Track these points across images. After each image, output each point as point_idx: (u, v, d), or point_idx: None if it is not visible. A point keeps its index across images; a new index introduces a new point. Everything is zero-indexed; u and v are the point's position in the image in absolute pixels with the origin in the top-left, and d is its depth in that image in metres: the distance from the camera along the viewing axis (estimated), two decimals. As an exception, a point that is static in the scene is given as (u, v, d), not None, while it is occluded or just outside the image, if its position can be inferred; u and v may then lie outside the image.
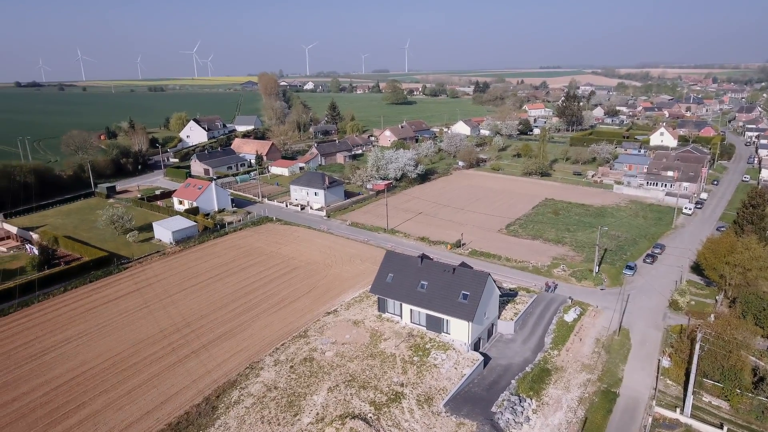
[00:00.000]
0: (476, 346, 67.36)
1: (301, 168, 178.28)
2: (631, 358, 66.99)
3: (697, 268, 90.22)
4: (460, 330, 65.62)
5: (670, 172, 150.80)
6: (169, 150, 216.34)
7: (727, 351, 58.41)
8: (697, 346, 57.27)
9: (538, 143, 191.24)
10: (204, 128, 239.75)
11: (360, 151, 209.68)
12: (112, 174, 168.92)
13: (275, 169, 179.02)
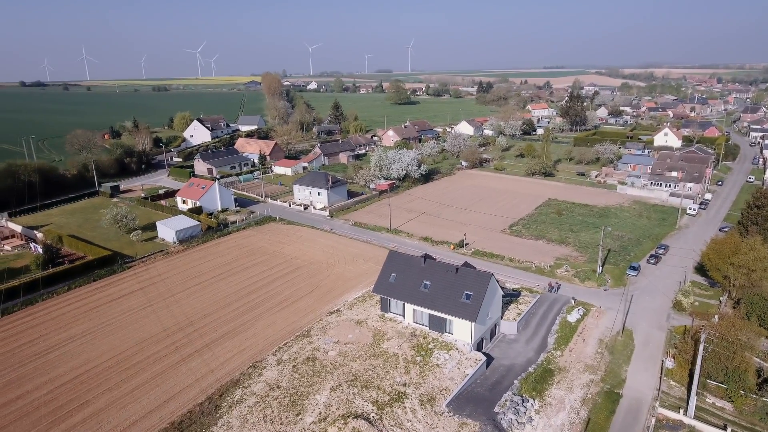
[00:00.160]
0: (479, 346, 67.31)
1: (305, 168, 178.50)
2: (634, 358, 66.82)
3: (701, 269, 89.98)
4: (462, 330, 65.59)
5: (674, 173, 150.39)
6: (172, 149, 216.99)
7: (731, 352, 58.21)
8: (701, 347, 57.12)
9: (542, 143, 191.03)
10: (207, 128, 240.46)
11: (363, 151, 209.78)
12: (116, 173, 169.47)
13: (278, 169, 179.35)
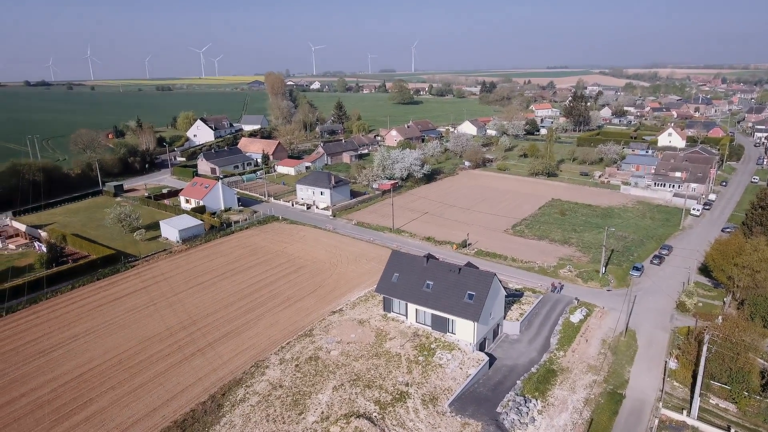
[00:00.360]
0: (482, 347, 67.26)
1: (308, 167, 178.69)
2: (637, 359, 66.64)
3: (704, 270, 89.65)
4: (465, 330, 65.55)
5: (678, 173, 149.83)
6: (176, 149, 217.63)
7: (735, 353, 57.97)
8: (705, 348, 56.90)
9: (545, 143, 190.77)
10: (211, 127, 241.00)
11: (366, 151, 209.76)
12: (119, 173, 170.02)
13: (281, 169, 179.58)
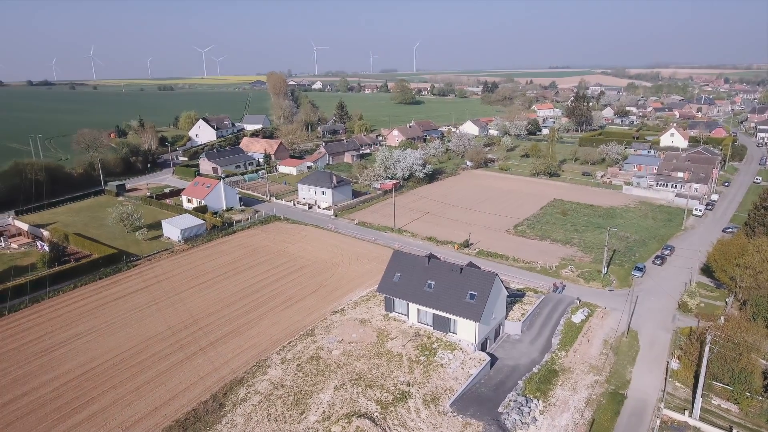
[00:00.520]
0: (483, 347, 67.21)
1: (309, 167, 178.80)
2: (639, 359, 66.55)
3: (707, 270, 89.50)
4: (467, 330, 65.52)
5: (680, 173, 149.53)
6: (178, 149, 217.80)
7: (737, 354, 57.85)
8: (707, 349, 56.76)
9: (547, 143, 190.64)
10: (213, 127, 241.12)
11: (368, 151, 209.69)
12: (121, 172, 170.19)
13: (283, 168, 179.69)
